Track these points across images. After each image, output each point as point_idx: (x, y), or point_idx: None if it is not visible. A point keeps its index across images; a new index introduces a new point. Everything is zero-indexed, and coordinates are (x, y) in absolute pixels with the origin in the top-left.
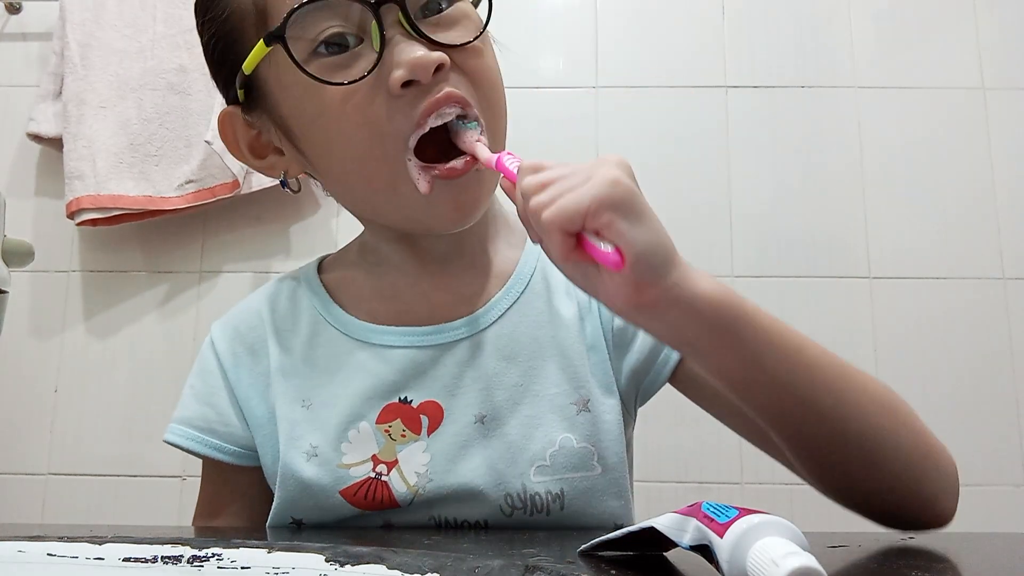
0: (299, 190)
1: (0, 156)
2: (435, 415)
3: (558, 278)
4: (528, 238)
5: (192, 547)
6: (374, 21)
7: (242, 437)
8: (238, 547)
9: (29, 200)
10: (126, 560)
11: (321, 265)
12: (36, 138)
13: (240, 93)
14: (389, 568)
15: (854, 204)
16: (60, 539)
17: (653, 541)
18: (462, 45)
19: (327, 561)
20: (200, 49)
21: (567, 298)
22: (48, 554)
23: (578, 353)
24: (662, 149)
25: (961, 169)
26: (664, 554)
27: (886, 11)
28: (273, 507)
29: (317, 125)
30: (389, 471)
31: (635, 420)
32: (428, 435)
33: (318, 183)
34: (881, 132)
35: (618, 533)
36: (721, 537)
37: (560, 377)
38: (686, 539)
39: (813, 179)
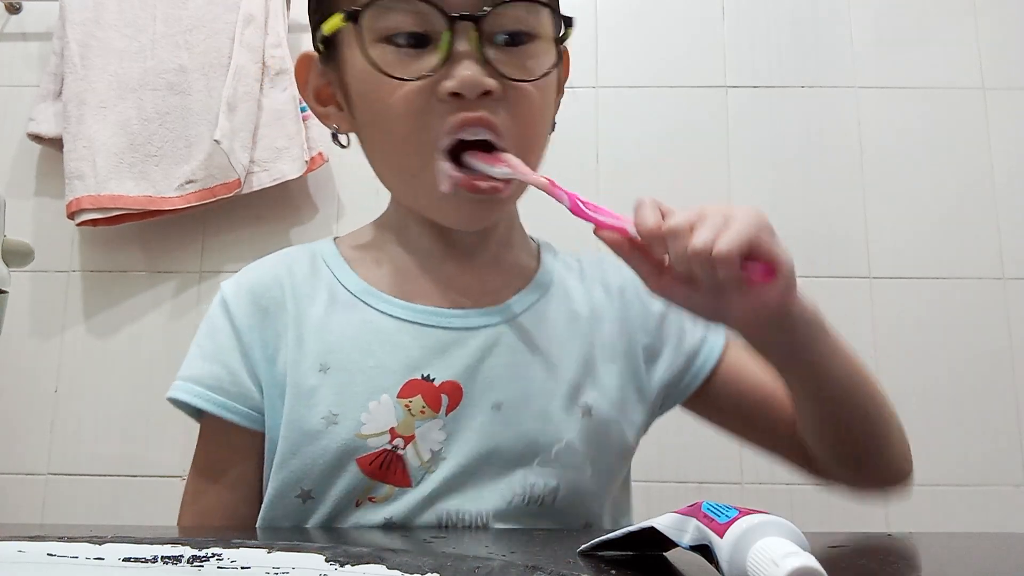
0: (348, 145)
1: (0, 156)
2: (455, 396)
3: (578, 292)
4: (539, 253)
5: (192, 547)
6: (447, 32)
7: (253, 399)
8: (238, 547)
9: (29, 200)
10: (126, 560)
11: (335, 242)
12: (36, 138)
13: (320, 46)
14: (389, 568)
15: (854, 204)
16: (60, 539)
17: (653, 541)
18: (514, 81)
19: (327, 561)
20: (200, 49)
21: (585, 309)
22: (48, 554)
23: (591, 361)
24: (662, 149)
25: (961, 169)
26: (664, 554)
27: (886, 11)
28: (281, 477)
29: (370, 100)
30: (405, 445)
31: (646, 431)
32: (446, 414)
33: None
34: (881, 132)
35: (618, 533)
36: (721, 537)
37: (573, 379)
38: (686, 539)
39: (813, 179)
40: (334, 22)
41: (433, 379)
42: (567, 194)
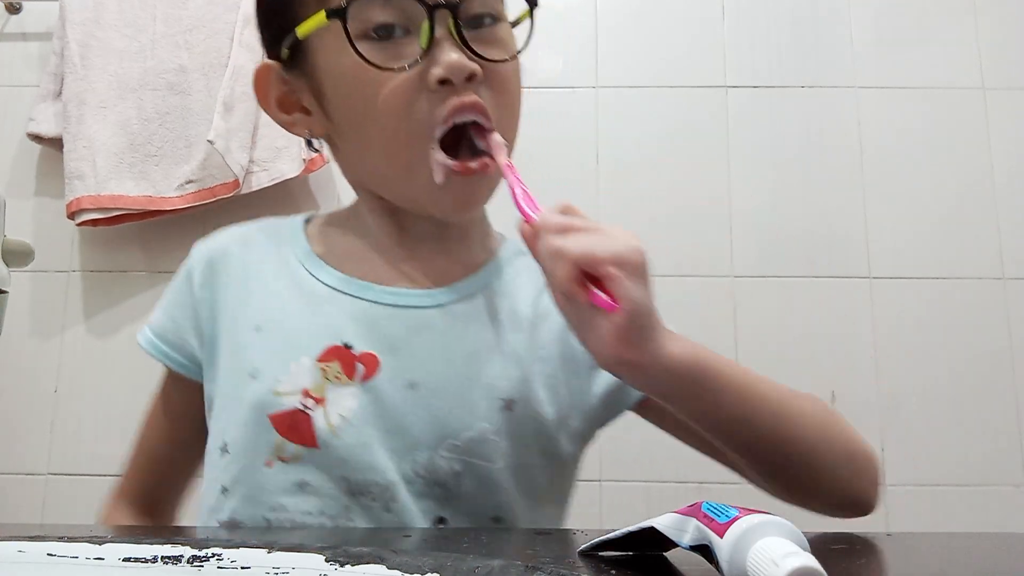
0: (319, 151)
1: (0, 156)
2: (371, 367)
3: (527, 291)
4: (499, 250)
5: (192, 547)
6: (426, 21)
7: (189, 350)
8: (238, 547)
9: (29, 200)
10: (126, 560)
11: (309, 219)
12: (36, 138)
13: (285, 52)
14: (389, 568)
15: (854, 204)
16: (60, 539)
17: (653, 541)
18: (496, 61)
19: (327, 561)
20: (200, 49)
21: (526, 308)
22: (48, 554)
23: (523, 358)
24: (662, 149)
25: (961, 169)
26: (664, 554)
27: (886, 11)
28: (212, 430)
29: (354, 99)
30: (315, 407)
31: (592, 440)
32: (360, 383)
33: (323, 150)
34: (881, 132)
35: (618, 533)
36: (721, 537)
37: (497, 372)
38: (686, 539)
39: (813, 179)
40: (315, 21)
41: (352, 347)
42: (516, 183)
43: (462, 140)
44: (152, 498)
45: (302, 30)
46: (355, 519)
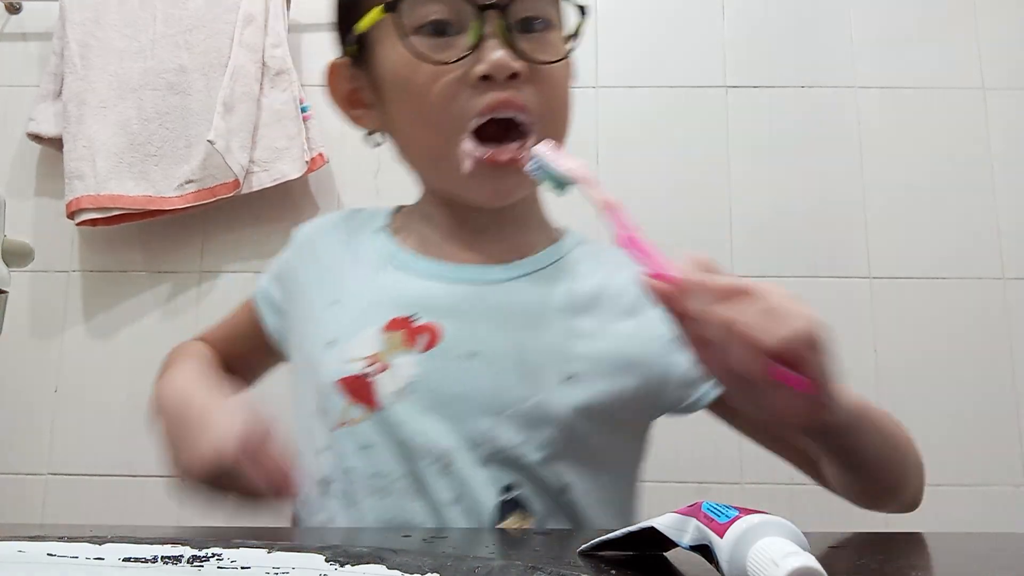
0: (380, 144)
1: (0, 156)
2: (434, 337)
3: (590, 273)
4: (560, 239)
5: (192, 547)
6: (475, 20)
7: (278, 312)
8: (238, 547)
9: (29, 200)
10: (126, 560)
11: (400, 209)
12: (36, 138)
13: (352, 49)
14: (389, 568)
15: (854, 204)
16: (60, 539)
17: (653, 541)
18: (541, 62)
19: (327, 561)
20: (200, 49)
21: (588, 287)
22: (48, 554)
23: (584, 333)
24: (662, 149)
25: (961, 169)
26: (664, 554)
27: (886, 11)
28: (302, 397)
29: (406, 89)
30: (379, 373)
31: (653, 423)
32: (422, 352)
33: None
34: (881, 132)
35: (618, 533)
36: (721, 537)
37: (558, 345)
38: (686, 539)
39: (813, 179)
40: (372, 16)
41: (416, 319)
42: (623, 225)
43: (505, 138)
44: (226, 357)
45: (361, 25)
46: (416, 483)
